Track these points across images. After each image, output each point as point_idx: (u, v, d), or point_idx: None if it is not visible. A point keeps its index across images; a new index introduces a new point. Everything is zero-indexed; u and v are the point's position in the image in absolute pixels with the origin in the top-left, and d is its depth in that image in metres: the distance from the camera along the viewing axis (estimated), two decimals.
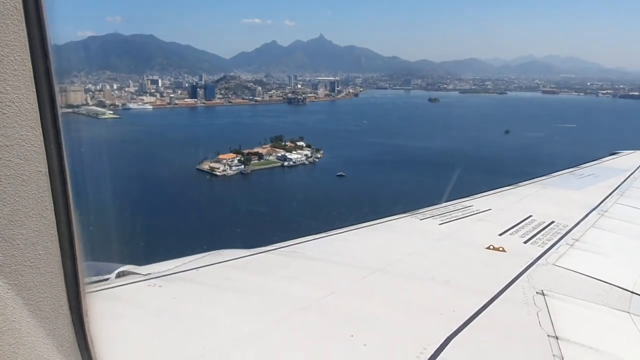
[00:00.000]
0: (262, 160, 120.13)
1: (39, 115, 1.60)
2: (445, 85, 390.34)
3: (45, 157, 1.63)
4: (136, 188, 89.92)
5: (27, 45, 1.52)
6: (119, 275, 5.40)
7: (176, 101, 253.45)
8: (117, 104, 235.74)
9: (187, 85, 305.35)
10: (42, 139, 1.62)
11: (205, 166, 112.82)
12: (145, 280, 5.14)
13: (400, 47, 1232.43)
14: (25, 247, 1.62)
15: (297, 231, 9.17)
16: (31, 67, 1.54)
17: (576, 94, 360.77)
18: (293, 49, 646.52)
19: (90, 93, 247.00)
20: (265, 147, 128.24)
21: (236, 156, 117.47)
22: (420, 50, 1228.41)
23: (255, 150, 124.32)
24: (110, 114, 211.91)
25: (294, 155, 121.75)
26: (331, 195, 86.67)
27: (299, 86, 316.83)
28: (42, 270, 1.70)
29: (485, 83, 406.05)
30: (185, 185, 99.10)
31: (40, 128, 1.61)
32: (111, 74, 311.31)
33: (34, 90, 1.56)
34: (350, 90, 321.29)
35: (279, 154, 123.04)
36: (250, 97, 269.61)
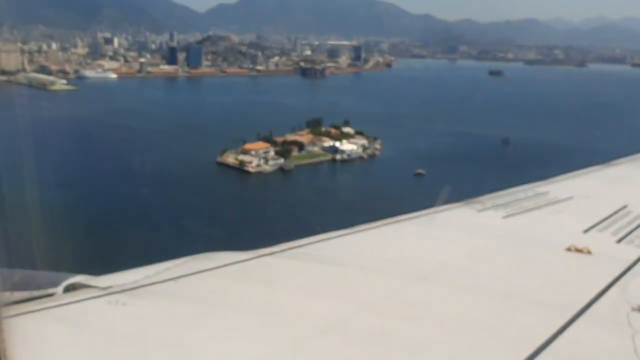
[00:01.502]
0: (304, 152, 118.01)
1: None
2: (502, 54, 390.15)
3: None
4: (144, 192, 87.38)
5: None
6: (67, 289, 5.20)
7: (149, 68, 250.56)
8: (67, 70, 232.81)
9: (153, 46, 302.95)
10: None
11: (229, 159, 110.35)
12: (104, 295, 4.96)
13: (434, 2, 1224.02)
14: None
15: None
16: None
17: None
18: (291, 2, 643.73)
19: (27, 55, 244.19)
20: (303, 134, 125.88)
21: (268, 146, 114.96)
22: (460, 7, 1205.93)
23: (293, 138, 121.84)
24: (63, 84, 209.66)
25: (347, 146, 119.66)
26: (422, 205, 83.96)
27: (308, 52, 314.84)
28: None
29: (554, 52, 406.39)
30: (210, 188, 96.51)
31: None
32: (46, 29, 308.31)
33: None
34: (380, 60, 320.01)
35: (327, 144, 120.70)
36: (251, 66, 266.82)
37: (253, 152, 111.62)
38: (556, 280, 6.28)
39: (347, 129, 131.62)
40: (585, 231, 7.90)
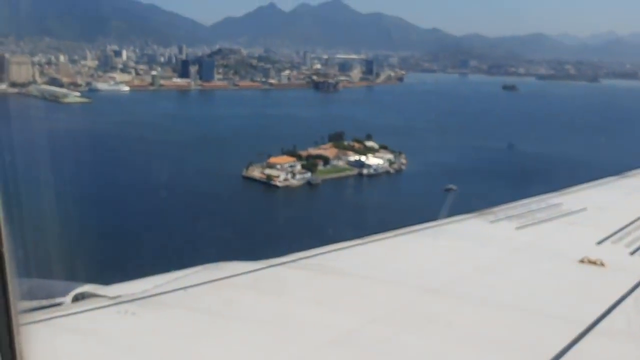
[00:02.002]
0: (329, 167, 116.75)
1: None
2: (513, 69, 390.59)
3: None
4: (173, 206, 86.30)
5: None
6: (76, 299, 5.21)
7: (162, 81, 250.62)
8: (78, 82, 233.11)
9: (162, 59, 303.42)
10: None
11: (255, 173, 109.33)
12: (113, 305, 4.96)
13: (442, 16, 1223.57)
14: None
15: None
16: None
17: None
18: (298, 15, 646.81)
19: (38, 67, 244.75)
20: (326, 148, 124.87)
21: (294, 160, 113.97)
22: (469, 21, 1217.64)
23: (317, 152, 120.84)
24: (76, 96, 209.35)
25: (373, 161, 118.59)
26: None
27: (318, 66, 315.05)
28: None
29: (565, 67, 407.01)
30: (239, 202, 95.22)
31: None
32: (52, 41, 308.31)
33: None
34: (392, 74, 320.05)
35: (352, 159, 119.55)
36: (263, 80, 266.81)
37: (279, 166, 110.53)
38: (569, 292, 6.23)
39: (371, 143, 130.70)
40: (599, 243, 7.86)
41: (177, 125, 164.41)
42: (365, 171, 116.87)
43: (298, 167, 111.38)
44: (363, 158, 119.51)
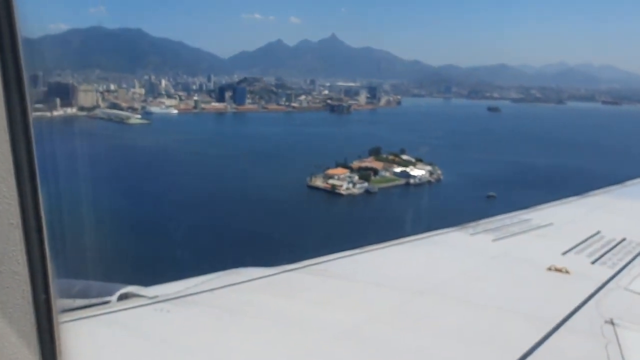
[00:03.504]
0: (379, 177, 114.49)
1: (6, 121, 1.52)
2: (489, 94, 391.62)
3: (14, 167, 1.58)
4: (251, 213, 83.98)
5: None
6: (121, 298, 5.35)
7: (202, 105, 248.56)
8: (135, 106, 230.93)
9: (194, 87, 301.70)
10: (9, 146, 1.56)
11: (318, 182, 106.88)
12: (151, 304, 5.09)
13: (421, 50, 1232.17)
14: None
15: None
16: None
17: None
18: (301, 50, 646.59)
19: (99, 94, 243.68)
20: (370, 161, 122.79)
21: (347, 171, 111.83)
22: (443, 53, 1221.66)
23: (364, 164, 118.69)
24: (137, 118, 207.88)
25: (417, 172, 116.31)
26: None
27: (326, 92, 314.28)
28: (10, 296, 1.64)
29: (531, 91, 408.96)
30: (313, 208, 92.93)
31: (8, 135, 1.54)
32: (101, 72, 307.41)
33: (1, 90, 1.48)
34: (391, 99, 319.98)
35: (397, 170, 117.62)
36: (287, 103, 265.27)
37: (336, 177, 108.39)
38: (539, 296, 6.24)
39: (406, 157, 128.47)
40: (564, 253, 7.82)
41: (228, 141, 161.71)
42: (412, 181, 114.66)
43: (356, 177, 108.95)
44: (408, 169, 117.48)
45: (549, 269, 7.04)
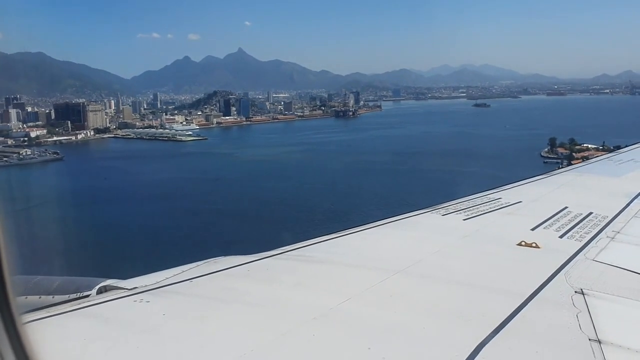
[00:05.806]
0: None
1: None
2: (438, 94, 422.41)
3: None
4: None
5: None
6: (100, 291, 5.44)
7: (216, 119, 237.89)
8: (154, 124, 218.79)
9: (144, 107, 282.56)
10: None
11: None
12: (130, 295, 5.15)
13: (327, 60, 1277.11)
14: None
15: None
16: None
17: (581, 94, 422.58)
18: (208, 65, 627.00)
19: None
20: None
21: None
22: (349, 63, 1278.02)
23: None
24: (188, 135, 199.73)
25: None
26: None
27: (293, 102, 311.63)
28: None
29: (470, 90, 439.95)
30: None
31: None
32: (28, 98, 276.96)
33: None
34: (370, 104, 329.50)
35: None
36: (299, 113, 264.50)
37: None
38: (511, 270, 6.37)
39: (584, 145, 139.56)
40: (533, 229, 8.04)
41: (351, 147, 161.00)
42: None
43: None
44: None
45: (519, 244, 7.16)
